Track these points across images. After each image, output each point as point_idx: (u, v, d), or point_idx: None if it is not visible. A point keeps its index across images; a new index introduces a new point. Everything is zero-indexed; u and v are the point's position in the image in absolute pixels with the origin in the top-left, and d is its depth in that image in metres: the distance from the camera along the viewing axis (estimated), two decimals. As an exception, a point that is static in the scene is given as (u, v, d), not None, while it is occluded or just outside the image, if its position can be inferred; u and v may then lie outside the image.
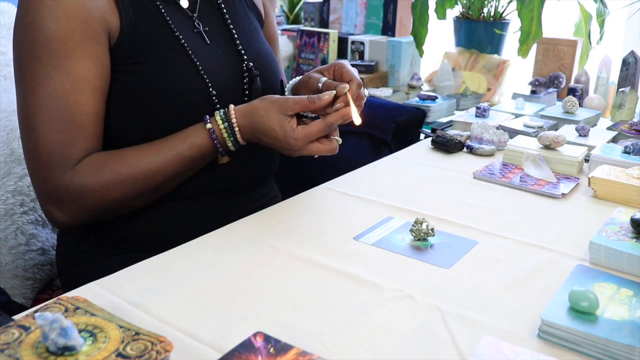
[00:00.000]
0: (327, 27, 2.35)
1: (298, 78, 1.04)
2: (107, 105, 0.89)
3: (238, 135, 0.89)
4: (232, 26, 1.00)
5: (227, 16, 1.00)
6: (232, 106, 0.90)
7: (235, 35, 0.99)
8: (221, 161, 0.93)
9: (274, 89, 1.04)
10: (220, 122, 0.89)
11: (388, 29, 2.19)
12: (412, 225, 0.84)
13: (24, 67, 0.85)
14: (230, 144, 0.90)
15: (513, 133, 1.30)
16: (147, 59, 0.88)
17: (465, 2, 1.98)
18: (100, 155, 0.87)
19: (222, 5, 1.01)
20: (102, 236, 0.96)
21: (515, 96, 1.66)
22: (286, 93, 1.06)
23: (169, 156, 0.87)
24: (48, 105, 0.83)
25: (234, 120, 0.89)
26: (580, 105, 1.58)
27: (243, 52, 0.99)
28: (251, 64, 0.98)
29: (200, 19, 0.97)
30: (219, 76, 0.94)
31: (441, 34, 2.12)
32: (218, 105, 0.93)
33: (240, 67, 0.98)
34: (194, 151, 0.88)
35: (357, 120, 0.90)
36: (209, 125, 0.89)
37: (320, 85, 0.95)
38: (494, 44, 1.97)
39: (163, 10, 0.92)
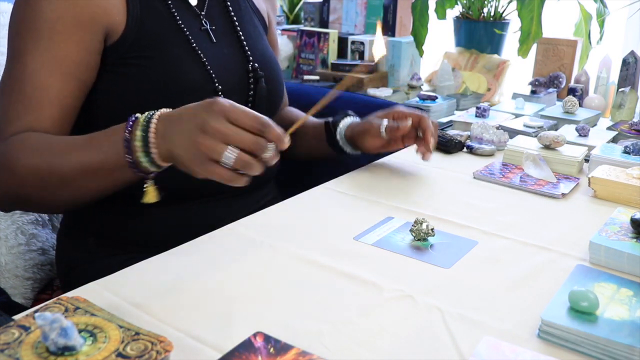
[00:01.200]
0: (327, 27, 2.35)
1: (351, 121, 1.08)
2: (101, 99, 0.89)
3: (152, 128, 0.72)
4: (238, 27, 1.01)
5: (234, 17, 1.01)
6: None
7: (242, 37, 1.00)
8: (145, 198, 0.76)
9: (277, 92, 1.06)
10: (141, 117, 0.74)
11: (388, 29, 2.18)
12: (412, 225, 0.84)
13: (11, 40, 0.86)
14: (138, 143, 0.72)
15: (513, 133, 1.30)
16: (153, 53, 0.89)
17: (465, 2, 1.98)
18: (35, 135, 0.82)
19: (230, 7, 1.01)
20: (101, 236, 0.96)
21: (515, 96, 1.66)
22: (337, 136, 1.09)
23: (81, 155, 0.78)
24: (15, 78, 0.84)
25: (156, 115, 0.74)
26: (580, 105, 1.58)
27: (249, 53, 1.00)
28: (256, 64, 0.99)
29: (208, 18, 0.98)
30: (225, 75, 0.95)
31: (441, 34, 2.12)
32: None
33: (246, 67, 0.99)
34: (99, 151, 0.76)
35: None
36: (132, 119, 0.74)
37: (383, 129, 1.03)
38: (494, 44, 1.97)
39: (171, 6, 0.92)
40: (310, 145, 1.15)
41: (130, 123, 0.74)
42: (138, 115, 0.74)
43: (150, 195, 0.77)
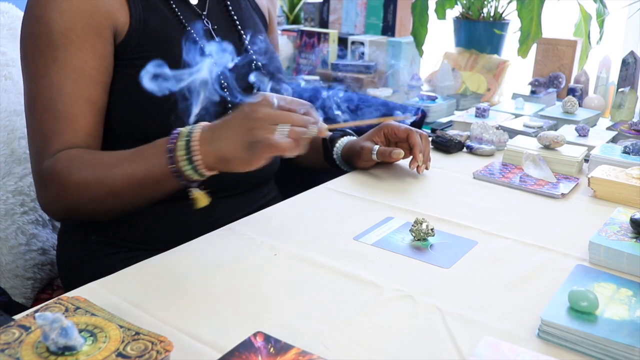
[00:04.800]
0: (327, 27, 2.35)
1: (348, 140, 1.10)
2: (112, 99, 0.90)
3: (196, 136, 0.76)
4: (239, 26, 1.02)
5: (235, 16, 1.02)
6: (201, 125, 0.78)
7: (243, 35, 1.01)
8: (196, 204, 0.79)
9: (281, 89, 1.07)
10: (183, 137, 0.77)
11: (388, 29, 2.19)
12: (412, 225, 0.84)
13: (28, 58, 0.88)
14: (181, 152, 0.76)
15: (513, 133, 1.30)
16: (158, 53, 0.89)
17: (465, 2, 1.99)
18: (82, 152, 0.86)
19: (230, 6, 1.03)
20: (102, 234, 0.96)
21: (515, 96, 1.67)
22: (334, 155, 1.11)
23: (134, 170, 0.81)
24: (45, 96, 0.86)
25: (199, 126, 0.77)
26: (580, 106, 1.58)
27: (251, 51, 1.01)
28: (260, 63, 1.00)
29: (209, 18, 0.99)
30: (230, 73, 0.96)
31: (441, 34, 2.12)
32: (230, 104, 0.94)
33: (249, 66, 1.00)
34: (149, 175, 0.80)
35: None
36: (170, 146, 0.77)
37: (374, 154, 1.05)
38: (493, 44, 1.97)
39: (174, 6, 0.93)
40: (309, 156, 1.17)
41: (175, 134, 0.77)
42: (180, 128, 0.78)
43: (201, 200, 0.80)
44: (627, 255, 0.76)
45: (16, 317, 0.60)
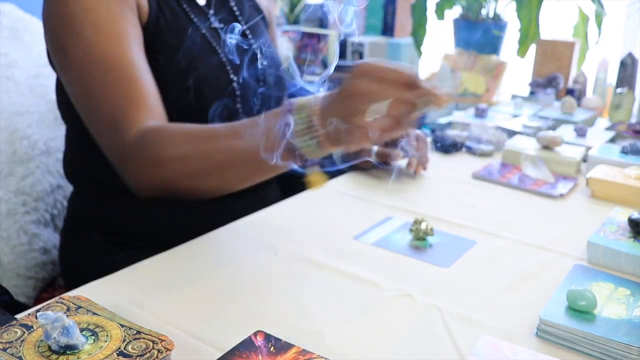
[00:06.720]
0: (327, 28, 2.35)
1: None
2: None
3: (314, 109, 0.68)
4: (243, 24, 1.03)
5: (239, 16, 1.04)
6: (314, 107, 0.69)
7: (248, 33, 1.03)
8: (311, 186, 0.73)
9: (284, 87, 1.09)
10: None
11: (387, 30, 2.19)
12: (412, 225, 0.84)
13: (67, 39, 0.83)
14: (301, 127, 0.68)
15: (511, 133, 1.30)
16: (169, 49, 0.90)
17: (464, 3, 1.99)
18: (171, 125, 0.82)
19: (234, 6, 1.04)
20: (104, 234, 0.97)
21: (513, 97, 1.67)
22: (334, 155, 1.09)
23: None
24: (101, 64, 0.82)
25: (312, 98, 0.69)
26: (579, 106, 1.59)
27: (255, 51, 1.02)
28: (264, 62, 1.02)
29: (215, 16, 1.00)
30: (237, 69, 0.97)
31: (440, 35, 2.12)
32: (239, 98, 0.95)
33: (254, 64, 1.01)
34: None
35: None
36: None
37: (372, 155, 1.04)
38: (492, 45, 1.98)
39: (184, 5, 0.95)
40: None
41: (290, 105, 0.69)
42: (294, 100, 0.70)
43: (318, 182, 0.72)
44: (625, 254, 0.76)
45: (18, 316, 0.60)
